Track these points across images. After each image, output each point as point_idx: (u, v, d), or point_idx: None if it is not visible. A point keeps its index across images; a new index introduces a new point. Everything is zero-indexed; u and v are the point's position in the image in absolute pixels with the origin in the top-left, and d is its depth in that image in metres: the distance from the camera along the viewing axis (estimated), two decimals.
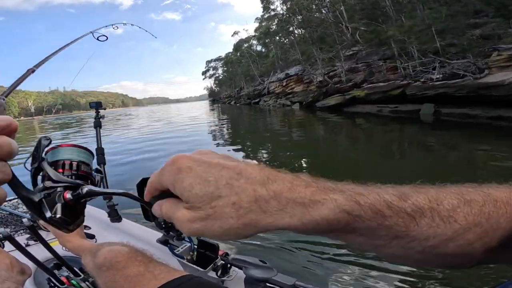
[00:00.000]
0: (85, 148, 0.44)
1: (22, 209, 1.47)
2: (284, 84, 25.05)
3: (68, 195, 0.38)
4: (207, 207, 0.25)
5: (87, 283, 0.80)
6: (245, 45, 51.74)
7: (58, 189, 0.38)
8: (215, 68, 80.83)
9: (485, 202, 0.25)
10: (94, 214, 1.49)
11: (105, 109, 1.63)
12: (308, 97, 14.46)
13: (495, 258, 0.26)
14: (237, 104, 38.45)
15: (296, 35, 24.05)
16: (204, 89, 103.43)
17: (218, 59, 78.18)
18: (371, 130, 7.57)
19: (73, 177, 0.40)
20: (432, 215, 0.25)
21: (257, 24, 42.92)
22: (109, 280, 0.58)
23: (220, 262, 0.88)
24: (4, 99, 0.52)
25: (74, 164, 0.41)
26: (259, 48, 45.60)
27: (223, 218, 0.25)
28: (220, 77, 78.50)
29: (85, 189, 0.38)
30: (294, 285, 0.72)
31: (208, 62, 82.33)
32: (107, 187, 1.31)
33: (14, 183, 0.31)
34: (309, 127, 8.82)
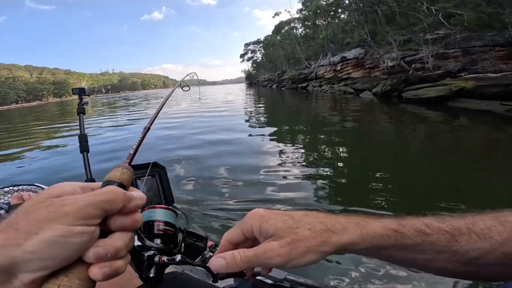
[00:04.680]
0: (173, 210, 0.51)
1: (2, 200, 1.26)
2: (339, 68, 22.58)
3: (164, 259, 0.45)
4: (291, 233, 0.32)
5: None
6: (286, 27, 48.97)
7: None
8: (253, 51, 79.42)
9: None
10: None
11: (89, 95, 1.47)
12: (385, 85, 12.09)
13: None
14: (282, 88, 36.25)
15: (357, 15, 21.11)
16: (241, 71, 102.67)
17: (257, 42, 76.29)
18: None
19: (162, 237, 0.48)
20: (469, 233, 0.30)
21: (300, 5, 39.91)
22: None
23: (209, 254, 0.77)
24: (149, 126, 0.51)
25: (162, 224, 0.49)
26: (302, 29, 42.80)
27: (305, 239, 0.32)
28: (258, 60, 76.82)
29: (179, 257, 0.46)
30: (285, 279, 0.71)
31: (247, 45, 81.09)
32: (90, 176, 1.23)
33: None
34: (416, 133, 6.26)
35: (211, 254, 0.83)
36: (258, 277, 0.73)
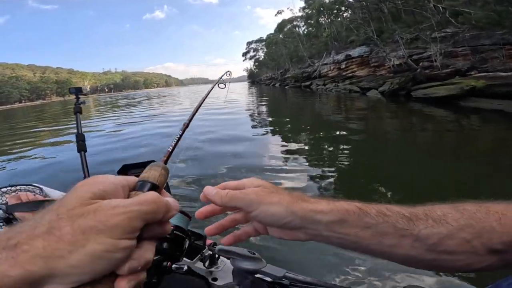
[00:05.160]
0: (187, 215, 0.49)
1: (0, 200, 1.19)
2: (343, 67, 22.38)
3: (171, 265, 0.50)
4: (272, 188, 0.39)
5: None
6: (289, 25, 48.71)
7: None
8: (255, 50, 79.21)
9: (477, 210, 0.32)
10: None
11: (85, 94, 1.48)
12: (393, 84, 11.88)
13: (509, 262, 0.31)
14: (286, 87, 36.03)
15: (361, 13, 20.88)
16: (243, 70, 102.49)
17: (259, 40, 76.08)
18: None
19: (170, 241, 0.47)
20: (426, 218, 0.32)
21: (302, 3, 39.62)
22: None
23: (207, 252, 0.83)
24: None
25: (173, 228, 0.48)
26: (305, 28, 42.55)
27: (280, 194, 0.38)
28: (261, 59, 76.57)
29: (185, 267, 0.53)
30: (284, 276, 0.71)
31: (249, 43, 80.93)
32: (88, 175, 1.22)
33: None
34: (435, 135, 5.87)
35: (210, 252, 0.83)
36: (257, 275, 0.73)
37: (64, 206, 0.23)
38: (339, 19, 30.10)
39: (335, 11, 30.30)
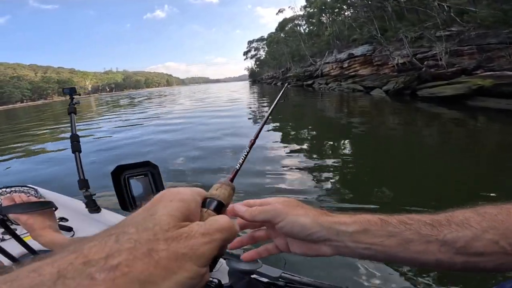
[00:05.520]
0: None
1: None
2: (346, 65, 22.24)
3: None
4: (296, 203, 0.40)
5: None
6: (290, 24, 48.50)
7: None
8: (256, 49, 79.08)
9: (498, 213, 0.32)
10: (71, 205, 1.39)
11: (79, 94, 1.50)
12: (398, 83, 11.76)
13: None
14: (288, 86, 35.83)
15: (363, 11, 20.72)
16: (244, 69, 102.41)
17: (261, 39, 75.97)
18: None
19: None
20: (449, 223, 0.33)
21: (303, 2, 39.42)
22: None
23: None
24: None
25: None
26: (306, 27, 42.32)
27: (306, 208, 0.39)
28: (262, 58, 76.43)
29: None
30: (280, 277, 0.71)
31: (250, 42, 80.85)
32: (83, 176, 1.29)
33: None
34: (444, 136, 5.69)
35: None
36: (253, 276, 0.72)
37: (159, 225, 0.22)
38: (341, 17, 29.90)
39: (337, 10, 30.14)
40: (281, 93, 0.71)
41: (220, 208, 0.30)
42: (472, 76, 9.48)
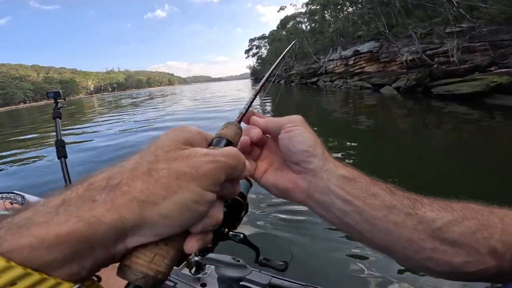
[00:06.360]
0: (249, 180, 0.47)
1: None
2: (351, 62, 21.93)
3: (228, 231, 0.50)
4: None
5: None
6: (292, 22, 48.12)
7: None
8: (258, 47, 78.75)
9: (481, 209, 0.32)
10: None
11: (64, 99, 1.48)
12: (409, 80, 11.42)
13: (502, 271, 0.29)
14: (291, 84, 35.57)
15: (368, 7, 20.34)
16: (246, 67, 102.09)
17: (262, 37, 75.56)
18: None
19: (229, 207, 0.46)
20: (431, 204, 0.32)
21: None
22: None
23: (194, 258, 0.81)
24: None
25: None
26: (308, 24, 41.95)
27: (313, 134, 0.37)
28: (264, 56, 76.11)
29: (242, 235, 0.50)
30: (270, 284, 0.70)
31: (252, 40, 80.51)
32: (70, 181, 1.26)
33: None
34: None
35: (196, 259, 0.81)
36: (242, 283, 0.71)
37: (161, 148, 0.22)
38: (345, 13, 29.51)
39: (339, 6, 29.75)
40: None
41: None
42: (487, 73, 9.19)
